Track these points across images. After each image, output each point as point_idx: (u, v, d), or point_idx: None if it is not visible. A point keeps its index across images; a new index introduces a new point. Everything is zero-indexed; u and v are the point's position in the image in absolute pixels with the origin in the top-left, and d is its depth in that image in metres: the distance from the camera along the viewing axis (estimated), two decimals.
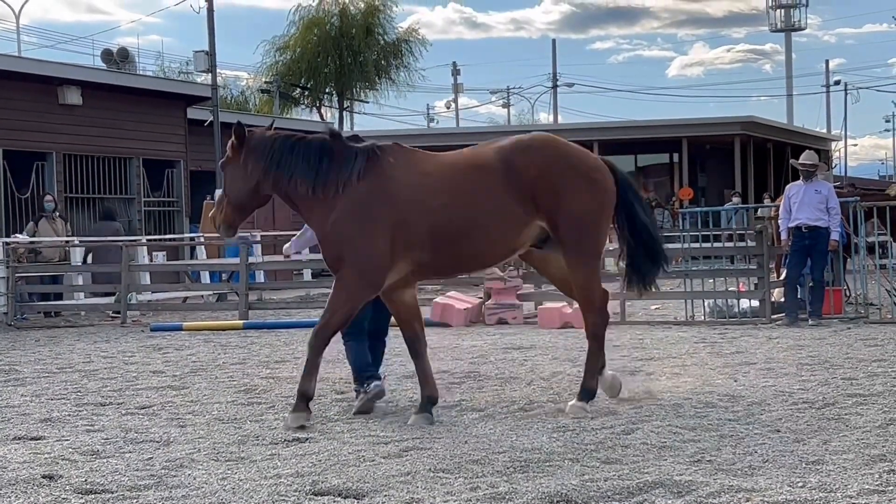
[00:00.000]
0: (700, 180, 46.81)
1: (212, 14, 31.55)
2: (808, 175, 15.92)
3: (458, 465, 7.03)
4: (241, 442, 7.99)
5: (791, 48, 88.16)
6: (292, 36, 57.55)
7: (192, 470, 7.10)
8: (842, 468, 6.74)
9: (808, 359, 11.91)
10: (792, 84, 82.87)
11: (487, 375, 11.01)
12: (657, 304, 18.90)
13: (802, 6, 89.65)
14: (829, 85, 78.99)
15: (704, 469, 6.80)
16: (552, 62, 70.40)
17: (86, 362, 13.30)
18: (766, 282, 16.60)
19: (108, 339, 16.26)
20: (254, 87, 60.53)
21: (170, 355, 13.80)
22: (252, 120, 37.36)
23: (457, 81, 73.52)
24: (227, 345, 14.77)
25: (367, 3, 57.85)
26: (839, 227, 15.89)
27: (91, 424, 8.87)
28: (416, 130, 57.91)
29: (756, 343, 13.56)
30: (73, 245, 21.18)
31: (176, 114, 29.04)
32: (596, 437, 7.83)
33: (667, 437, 7.77)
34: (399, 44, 59.60)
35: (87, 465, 7.34)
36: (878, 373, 10.69)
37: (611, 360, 12.11)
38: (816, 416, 8.46)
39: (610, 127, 47.82)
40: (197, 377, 11.60)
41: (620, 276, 11.00)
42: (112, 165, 26.86)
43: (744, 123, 44.63)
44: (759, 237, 17.13)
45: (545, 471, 6.85)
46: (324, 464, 7.19)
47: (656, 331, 15.45)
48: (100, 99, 26.44)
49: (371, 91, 60.97)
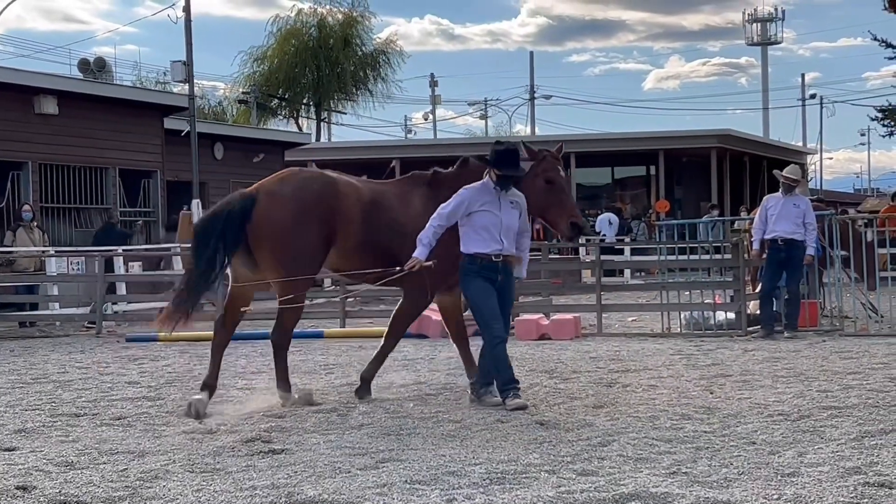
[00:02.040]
0: (676, 193, 46.98)
1: (190, 24, 31.48)
2: (789, 188, 15.99)
3: (434, 477, 7.02)
4: (217, 453, 7.96)
5: (767, 62, 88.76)
6: (270, 46, 57.59)
7: (167, 481, 7.07)
8: (817, 480, 6.77)
9: (784, 371, 11.95)
10: (768, 97, 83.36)
11: (464, 387, 10.99)
12: (634, 316, 18.95)
13: (779, 20, 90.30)
14: (804, 98, 79.39)
15: (680, 481, 6.81)
16: (530, 74, 70.70)
17: (61, 373, 13.23)
18: (742, 294, 16.66)
19: (83, 349, 16.18)
20: (231, 98, 60.46)
21: (145, 366, 13.75)
22: (229, 130, 37.38)
23: (434, 93, 73.59)
24: (203, 356, 14.69)
25: (345, 14, 58.00)
26: (815, 243, 15.96)
27: (66, 435, 8.83)
28: (394, 141, 57.91)
29: (732, 355, 13.60)
30: (49, 255, 21.10)
31: (153, 124, 28.96)
32: (572, 449, 7.84)
33: (643, 449, 7.78)
34: (377, 55, 59.75)
35: (61, 476, 7.30)
36: (853, 385, 10.73)
37: (588, 371, 12.17)
38: (792, 429, 8.49)
39: (587, 139, 47.91)
40: (172, 388, 11.56)
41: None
42: (88, 175, 26.75)
43: (720, 136, 44.83)
44: (735, 249, 17.19)
45: (521, 482, 6.85)
46: (299, 475, 7.17)
47: (633, 343, 15.48)
48: (76, 108, 26.34)
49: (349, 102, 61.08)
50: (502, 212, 9.78)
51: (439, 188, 10.41)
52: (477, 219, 9.73)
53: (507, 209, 9.82)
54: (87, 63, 34.41)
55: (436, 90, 73.53)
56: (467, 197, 9.76)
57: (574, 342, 15.59)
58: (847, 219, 18.72)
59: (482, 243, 9.74)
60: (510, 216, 9.83)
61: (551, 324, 16.28)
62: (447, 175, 10.64)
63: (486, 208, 9.74)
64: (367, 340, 16.26)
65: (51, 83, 26.51)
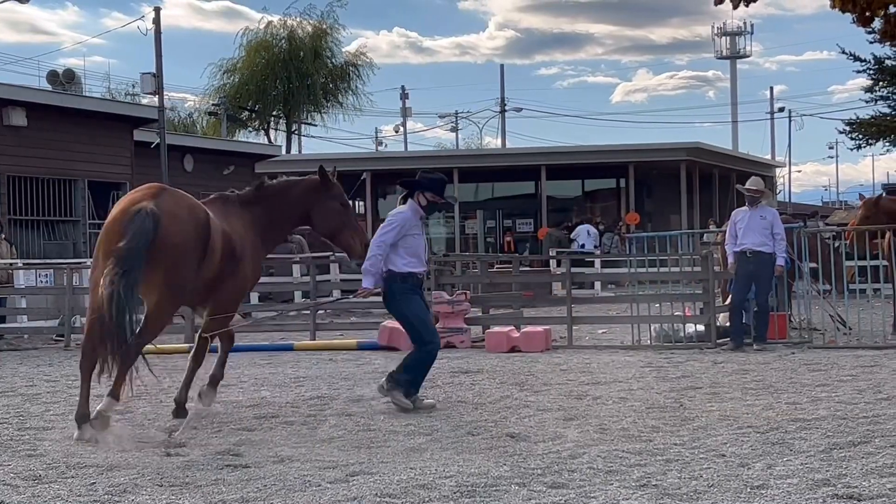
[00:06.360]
0: (647, 205, 47.16)
1: (159, 36, 31.44)
2: (754, 201, 16.07)
3: (404, 490, 7.01)
4: (186, 467, 7.92)
5: (736, 75, 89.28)
6: (240, 58, 57.49)
7: (136, 496, 7.03)
8: (786, 492, 6.79)
9: (753, 383, 11.99)
10: (737, 111, 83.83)
11: (435, 399, 10.98)
12: (604, 328, 18.99)
13: (748, 34, 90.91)
14: (773, 112, 79.82)
15: (650, 493, 6.82)
16: (500, 87, 70.78)
17: (28, 386, 13.14)
18: (712, 306, 16.72)
19: (51, 362, 16.08)
20: (201, 110, 60.30)
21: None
22: (199, 142, 37.28)
23: (405, 105, 73.63)
24: (173, 368, 14.62)
25: (315, 26, 57.97)
26: (784, 253, 16.04)
27: (33, 449, 8.77)
28: (365, 154, 57.92)
29: (702, 367, 13.64)
30: (17, 268, 20.96)
31: (122, 136, 28.84)
32: (542, 462, 7.84)
33: (613, 462, 7.79)
34: (347, 67, 59.73)
35: (28, 490, 7.25)
36: (822, 397, 10.78)
37: (558, 384, 12.18)
38: (761, 441, 8.52)
39: (557, 152, 48.10)
40: (141, 401, 11.49)
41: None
42: (57, 187, 26.62)
43: (690, 149, 45.06)
44: (705, 262, 17.26)
45: (492, 495, 6.85)
46: (269, 489, 7.15)
47: (603, 355, 15.50)
48: (45, 120, 26.22)
49: (319, 114, 61.00)
50: (422, 235, 10.70)
51: (245, 207, 10.78)
52: (409, 241, 10.44)
53: (423, 232, 10.79)
54: (57, 75, 34.22)
55: (406, 102, 73.63)
56: (404, 221, 10.46)
57: (544, 354, 15.60)
58: (815, 231, 18.82)
59: (413, 264, 10.46)
60: (424, 238, 10.77)
61: (522, 336, 16.29)
62: (244, 195, 10.93)
63: (415, 231, 10.52)
64: (337, 353, 16.26)
65: (19, 95, 26.38)
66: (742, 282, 15.94)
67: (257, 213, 10.70)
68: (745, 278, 15.91)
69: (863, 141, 48.92)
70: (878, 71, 45.88)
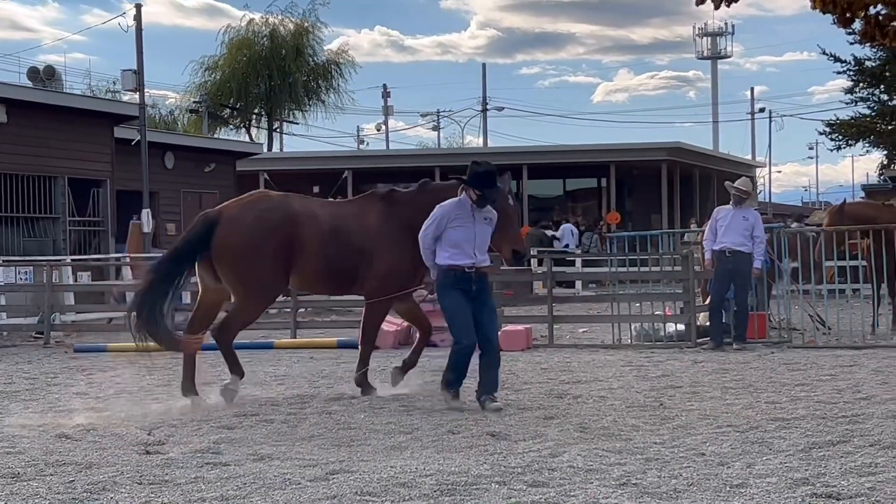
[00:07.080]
0: (627, 204, 47.24)
1: (140, 33, 31.30)
2: (739, 201, 16.10)
3: (384, 488, 7.00)
4: (165, 465, 7.89)
5: (717, 75, 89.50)
6: (222, 56, 57.29)
7: (115, 493, 7.00)
8: (765, 491, 6.81)
9: (733, 382, 12.02)
10: (718, 111, 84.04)
11: (415, 398, 10.98)
12: (585, 327, 19.01)
13: (729, 34, 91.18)
14: (753, 112, 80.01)
15: (630, 492, 6.83)
16: (482, 86, 70.71)
17: (7, 383, 13.09)
18: (692, 306, 16.76)
19: (30, 359, 16.02)
20: (182, 107, 60.06)
21: (94, 377, 13.63)
22: (180, 140, 37.14)
23: (387, 104, 73.54)
24: (152, 367, 14.58)
25: (297, 24, 57.80)
26: (762, 255, 16.09)
27: (12, 447, 8.72)
28: (347, 152, 57.82)
29: (682, 367, 13.67)
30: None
31: (103, 133, 28.69)
32: (523, 461, 7.84)
33: (593, 461, 7.80)
34: (329, 65, 59.58)
35: (7, 487, 7.22)
36: (801, 397, 10.82)
37: (539, 383, 12.19)
38: (740, 440, 8.54)
39: (539, 151, 48.11)
40: (121, 399, 11.46)
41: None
42: (37, 184, 26.47)
43: (670, 149, 45.13)
44: (685, 261, 17.29)
45: (472, 494, 6.85)
46: (249, 487, 7.13)
47: (583, 354, 15.53)
48: (25, 117, 26.06)
49: (301, 112, 60.85)
50: (476, 227, 10.34)
51: (394, 206, 11.39)
52: (451, 234, 10.27)
53: (482, 224, 10.40)
54: (37, 71, 34.06)
55: (388, 101, 73.55)
56: (441, 215, 10.35)
57: (525, 353, 15.61)
58: (795, 231, 18.86)
59: (455, 257, 10.26)
60: (484, 231, 10.41)
61: (503, 335, 16.20)
62: (404, 195, 11.55)
63: (460, 223, 10.27)
64: (317, 351, 16.23)
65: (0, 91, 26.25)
66: (721, 280, 15.98)
67: (413, 210, 11.05)
68: (723, 277, 15.95)
69: (843, 142, 49.12)
70: (859, 72, 46.09)
